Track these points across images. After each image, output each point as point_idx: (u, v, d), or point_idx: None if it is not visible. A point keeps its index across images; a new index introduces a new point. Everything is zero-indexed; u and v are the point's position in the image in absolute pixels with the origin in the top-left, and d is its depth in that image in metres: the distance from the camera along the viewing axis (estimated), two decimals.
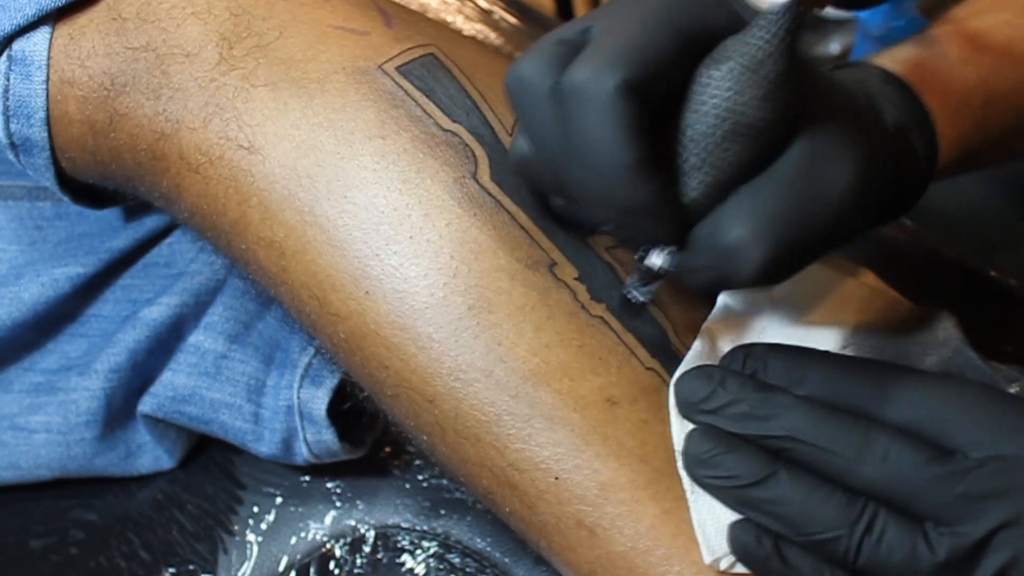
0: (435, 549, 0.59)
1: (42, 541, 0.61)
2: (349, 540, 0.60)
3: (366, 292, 0.46)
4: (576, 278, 0.46)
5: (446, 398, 0.45)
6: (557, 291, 0.45)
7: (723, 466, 0.42)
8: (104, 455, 0.61)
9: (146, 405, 0.60)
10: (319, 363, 0.57)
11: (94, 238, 0.60)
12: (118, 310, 0.60)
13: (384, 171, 0.46)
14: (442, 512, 0.60)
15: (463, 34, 0.61)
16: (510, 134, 0.48)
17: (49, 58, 0.49)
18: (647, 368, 0.45)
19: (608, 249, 0.48)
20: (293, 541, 0.60)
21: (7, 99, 0.49)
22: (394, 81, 0.48)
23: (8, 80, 0.49)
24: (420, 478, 0.61)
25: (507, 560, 0.58)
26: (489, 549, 0.59)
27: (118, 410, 0.60)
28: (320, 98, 0.47)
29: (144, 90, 0.48)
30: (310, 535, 0.60)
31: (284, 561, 0.60)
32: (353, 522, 0.60)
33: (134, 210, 0.59)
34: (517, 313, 0.45)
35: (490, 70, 0.50)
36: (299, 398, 0.57)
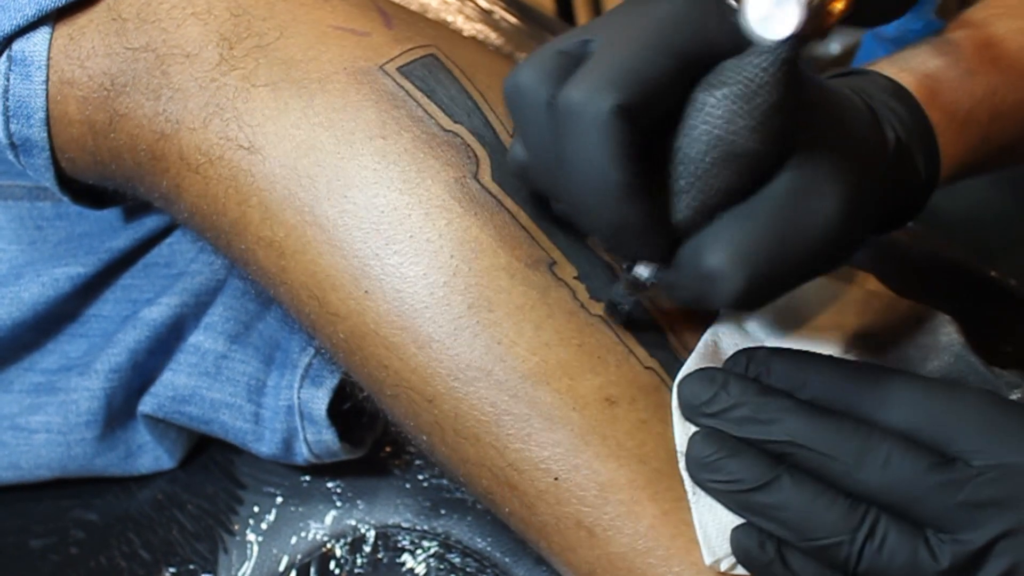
0: (435, 549, 0.59)
1: (42, 541, 0.61)
2: (349, 540, 0.60)
3: (366, 292, 0.46)
4: (576, 277, 0.46)
5: (445, 398, 0.45)
6: (557, 290, 0.45)
7: (725, 470, 0.42)
8: (104, 455, 0.61)
9: (146, 405, 0.60)
10: (319, 363, 0.57)
11: (94, 238, 0.59)
12: (118, 310, 0.60)
13: (384, 171, 0.46)
14: (442, 512, 0.60)
15: (463, 34, 0.61)
16: (511, 135, 0.48)
17: (49, 58, 0.49)
18: (646, 367, 0.45)
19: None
20: (293, 541, 0.60)
21: (7, 99, 0.49)
22: (395, 81, 0.48)
23: (8, 80, 0.49)
24: (420, 478, 0.61)
25: (507, 560, 0.58)
26: (489, 549, 0.59)
27: (118, 410, 0.60)
28: (321, 98, 0.47)
29: (144, 90, 0.48)
30: (310, 535, 0.60)
31: (284, 561, 0.60)
32: (353, 522, 0.60)
33: (134, 210, 0.59)
34: (517, 312, 0.45)
35: (491, 71, 0.50)
36: (299, 398, 0.57)
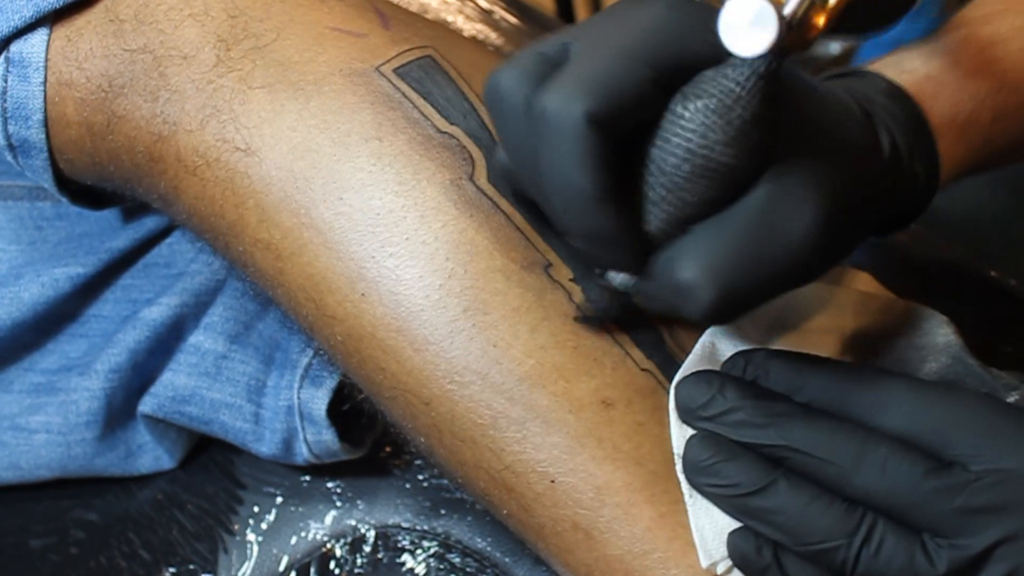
0: (435, 549, 0.59)
1: (42, 541, 0.61)
2: (349, 540, 0.60)
3: (362, 294, 0.45)
4: (571, 279, 0.46)
5: (442, 400, 0.45)
6: (552, 292, 0.45)
7: (722, 474, 0.42)
8: (104, 455, 0.61)
9: (146, 405, 0.60)
10: (319, 363, 0.57)
11: (94, 238, 0.59)
12: (118, 310, 0.60)
13: (380, 173, 0.46)
14: (442, 512, 0.60)
15: (462, 35, 0.61)
16: None
17: (47, 60, 0.49)
18: (642, 369, 0.45)
19: None
20: (293, 541, 0.60)
21: (5, 101, 0.49)
22: (391, 83, 0.47)
23: (6, 82, 0.49)
24: (420, 478, 0.61)
25: (507, 560, 0.58)
26: (489, 549, 0.59)
27: (118, 410, 0.60)
28: (317, 100, 0.47)
29: (142, 92, 0.48)
30: (310, 535, 0.60)
31: (284, 561, 0.60)
32: (353, 522, 0.60)
33: (134, 210, 0.59)
34: (513, 314, 0.45)
35: (488, 72, 0.50)
36: (299, 398, 0.57)
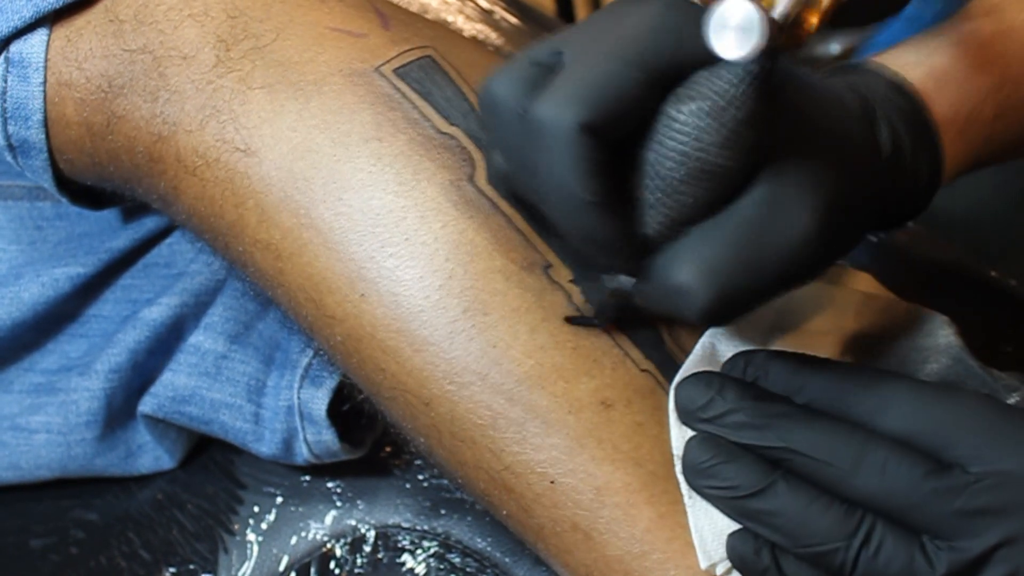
0: (435, 549, 0.59)
1: (42, 541, 0.61)
2: (349, 540, 0.60)
3: (362, 295, 0.45)
4: (571, 280, 0.46)
5: (442, 401, 0.45)
6: (552, 293, 0.45)
7: (721, 476, 0.41)
8: (104, 455, 0.61)
9: (146, 405, 0.60)
10: (319, 363, 0.57)
11: (94, 238, 0.59)
12: (118, 310, 0.60)
13: (380, 173, 0.46)
14: (442, 512, 0.60)
15: (462, 35, 0.61)
16: None
17: (46, 60, 0.49)
18: (642, 370, 0.45)
19: None
20: (293, 541, 0.60)
21: (5, 101, 0.49)
22: (391, 83, 0.47)
23: (6, 82, 0.49)
24: (420, 478, 0.61)
25: (507, 560, 0.58)
26: (489, 549, 0.59)
27: (118, 410, 0.60)
28: (317, 100, 0.47)
29: (141, 92, 0.48)
30: (310, 535, 0.60)
31: (284, 561, 0.60)
32: (353, 522, 0.60)
33: (134, 210, 0.59)
34: (512, 315, 0.45)
35: (488, 72, 0.50)
36: (299, 398, 0.57)
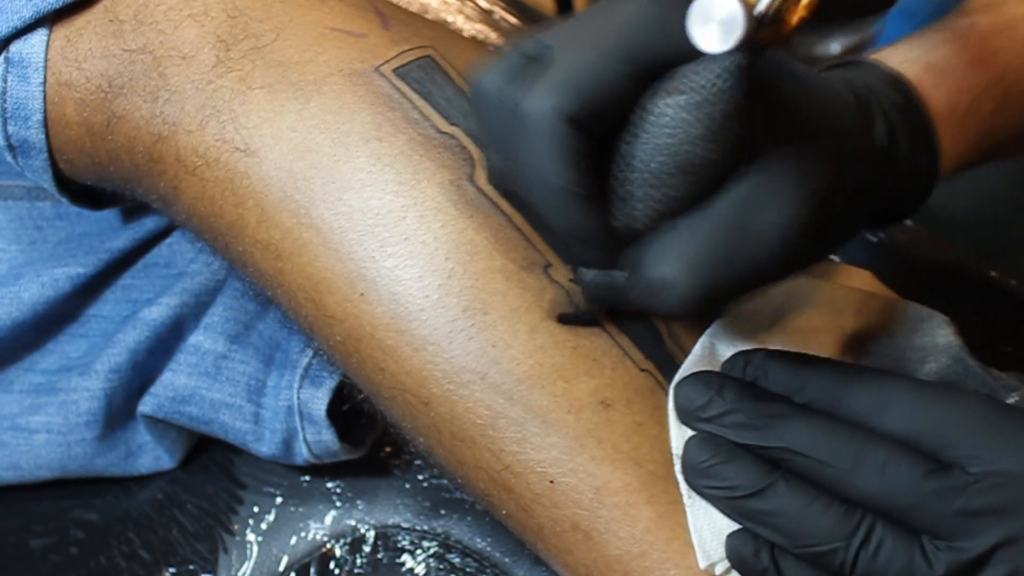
0: (435, 549, 0.59)
1: (42, 541, 0.61)
2: (349, 540, 0.60)
3: (361, 294, 0.45)
4: (571, 279, 0.46)
5: (441, 401, 0.45)
6: (552, 292, 0.45)
7: (721, 476, 0.42)
8: (104, 455, 0.61)
9: (146, 405, 0.60)
10: (319, 363, 0.57)
11: (94, 238, 0.60)
12: (118, 310, 0.60)
13: (380, 173, 0.46)
14: (442, 512, 0.60)
15: (462, 35, 0.61)
16: None
17: (46, 60, 0.49)
18: (641, 370, 0.45)
19: None
20: (293, 541, 0.60)
21: (5, 101, 0.49)
22: (391, 83, 0.47)
23: (6, 82, 0.49)
24: (420, 478, 0.61)
25: (507, 560, 0.58)
26: (489, 549, 0.59)
27: (118, 410, 0.60)
28: (317, 100, 0.47)
29: (141, 92, 0.48)
30: (310, 535, 0.60)
31: (284, 561, 0.60)
32: (353, 522, 0.60)
33: (134, 210, 0.59)
34: (512, 315, 0.45)
35: None
36: (299, 398, 0.57)
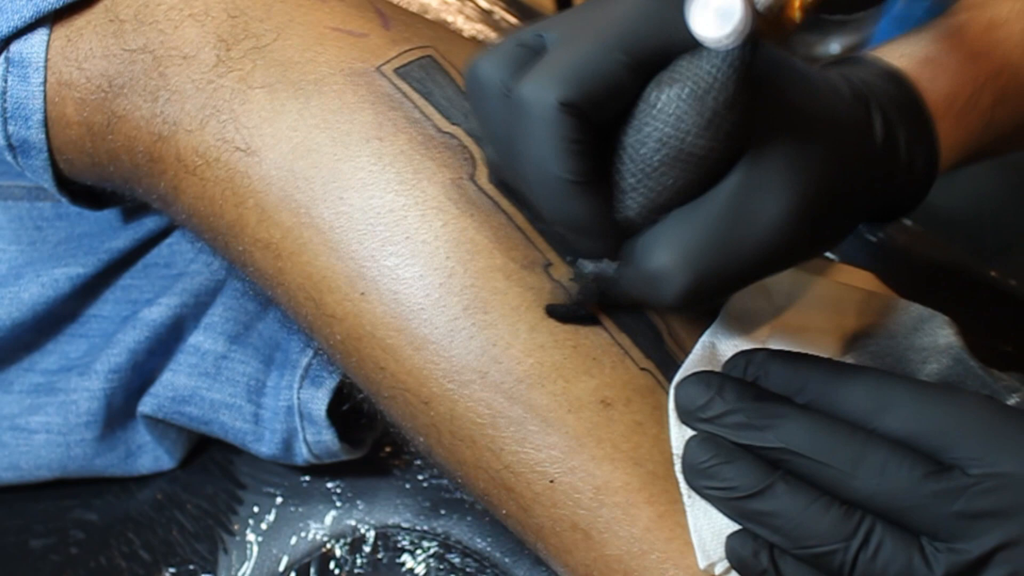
0: (435, 549, 0.59)
1: (42, 541, 0.61)
2: (349, 540, 0.60)
3: (362, 293, 0.45)
4: (572, 278, 0.46)
5: (441, 400, 0.45)
6: (552, 291, 0.45)
7: (720, 476, 0.42)
8: (104, 455, 0.61)
9: (146, 405, 0.60)
10: (319, 364, 0.57)
11: (94, 238, 0.60)
12: (118, 310, 0.60)
13: (381, 173, 0.46)
14: (442, 512, 0.60)
15: (462, 35, 0.61)
16: None
17: (47, 60, 0.49)
18: (641, 369, 0.45)
19: None
20: (293, 541, 0.60)
21: (5, 101, 0.49)
22: (392, 83, 0.48)
23: (6, 82, 0.49)
24: (420, 478, 0.61)
25: (507, 560, 0.58)
26: (489, 549, 0.59)
27: (118, 410, 0.60)
28: (317, 100, 0.47)
29: (142, 92, 0.48)
30: (310, 535, 0.60)
31: (284, 561, 0.60)
32: (353, 522, 0.60)
33: (134, 211, 0.59)
34: (512, 314, 0.45)
35: None
36: (299, 398, 0.57)
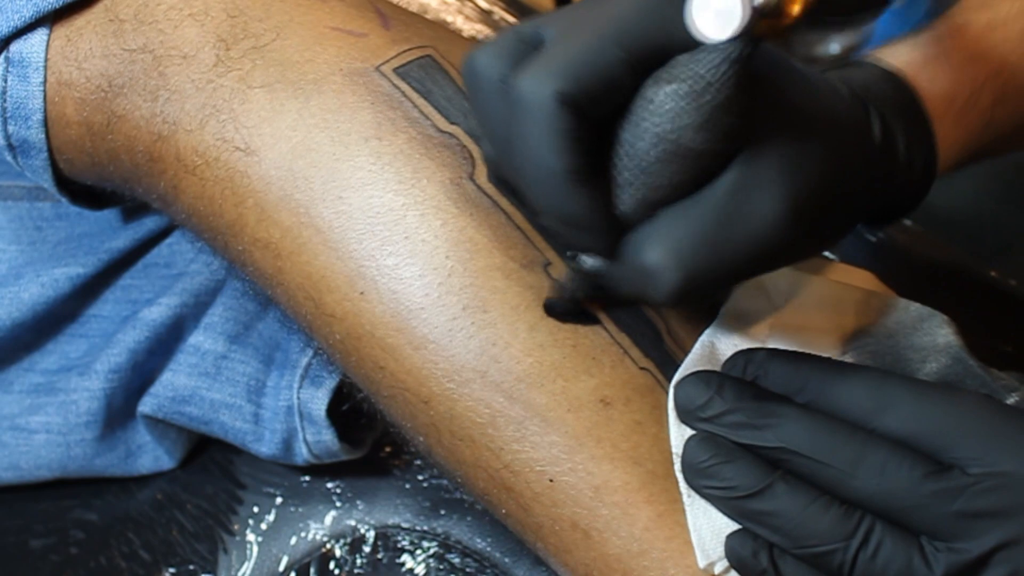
0: (435, 549, 0.59)
1: (42, 541, 0.61)
2: (349, 540, 0.60)
3: (361, 293, 0.46)
4: (567, 274, 0.46)
5: (441, 399, 0.45)
6: (551, 290, 0.45)
7: (720, 476, 0.42)
8: (104, 455, 0.61)
9: (146, 405, 0.60)
10: (319, 363, 0.57)
11: (94, 238, 0.60)
12: (118, 310, 0.61)
13: (380, 172, 0.46)
14: (442, 512, 0.60)
15: (462, 35, 0.61)
16: None
17: (46, 60, 0.49)
18: (641, 368, 0.45)
19: None
20: (293, 541, 0.60)
21: (5, 101, 0.49)
22: (391, 83, 0.48)
23: (6, 82, 0.49)
24: (420, 478, 0.61)
25: (507, 560, 0.58)
26: (489, 549, 0.59)
27: (118, 410, 0.60)
28: (317, 99, 0.47)
29: (141, 92, 0.48)
30: (310, 535, 0.60)
31: (284, 561, 0.60)
32: (353, 522, 0.60)
33: (133, 210, 0.59)
34: (511, 313, 0.45)
35: None
36: (299, 398, 0.57)
